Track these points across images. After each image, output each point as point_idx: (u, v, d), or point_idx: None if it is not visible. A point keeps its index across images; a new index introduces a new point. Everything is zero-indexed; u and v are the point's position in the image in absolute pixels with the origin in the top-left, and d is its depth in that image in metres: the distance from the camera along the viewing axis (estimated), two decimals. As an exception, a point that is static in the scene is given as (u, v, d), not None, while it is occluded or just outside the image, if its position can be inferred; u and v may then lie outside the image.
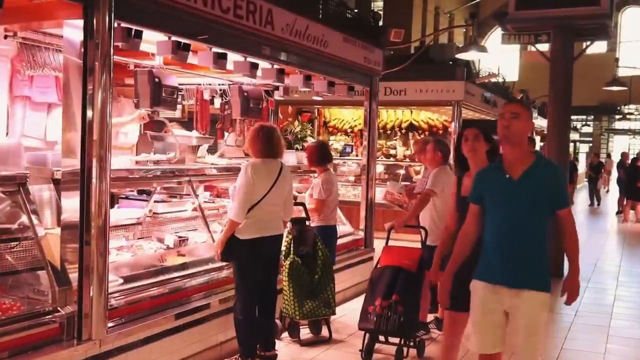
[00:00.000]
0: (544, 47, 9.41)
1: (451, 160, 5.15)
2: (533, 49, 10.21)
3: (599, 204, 19.47)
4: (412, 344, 4.89)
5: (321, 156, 5.86)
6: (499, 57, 21.33)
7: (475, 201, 3.40)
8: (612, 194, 22.69)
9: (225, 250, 4.52)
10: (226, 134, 7.36)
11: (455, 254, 3.49)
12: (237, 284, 4.56)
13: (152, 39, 4.44)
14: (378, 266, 5.00)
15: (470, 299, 3.39)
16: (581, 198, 21.68)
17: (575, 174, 19.04)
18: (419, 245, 5.20)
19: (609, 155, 27.56)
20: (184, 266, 4.74)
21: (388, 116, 12.91)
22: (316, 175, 6.03)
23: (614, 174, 22.89)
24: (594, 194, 19.70)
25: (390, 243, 5.17)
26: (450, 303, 3.59)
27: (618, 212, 17.20)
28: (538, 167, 3.21)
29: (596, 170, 19.65)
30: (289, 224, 5.09)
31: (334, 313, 5.36)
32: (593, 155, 22.49)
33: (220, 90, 6.89)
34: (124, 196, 5.73)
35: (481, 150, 3.87)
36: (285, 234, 5.00)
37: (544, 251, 3.26)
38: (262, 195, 4.49)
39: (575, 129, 30.30)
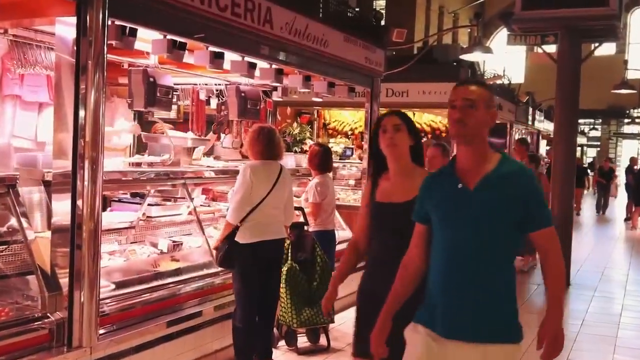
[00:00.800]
0: (551, 48, 9.33)
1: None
2: (539, 50, 10.13)
3: (604, 212, 18.98)
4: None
5: (322, 162, 5.77)
6: (505, 59, 21.10)
7: (420, 219, 2.54)
8: (619, 200, 22.33)
9: (225, 256, 4.41)
10: (222, 135, 7.27)
11: (396, 290, 2.59)
12: (238, 291, 4.46)
13: (147, 38, 4.35)
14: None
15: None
16: (588, 204, 21.36)
17: (585, 178, 18.77)
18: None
19: (611, 161, 27.46)
20: (178, 272, 4.67)
21: (389, 118, 12.82)
22: (311, 178, 5.95)
23: (620, 179, 22.75)
24: (603, 201, 19.05)
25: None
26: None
27: (626, 219, 16.90)
28: (503, 173, 2.37)
29: (607, 177, 19.12)
30: (287, 229, 5.00)
31: (332, 321, 5.28)
32: (604, 160, 22.15)
33: (217, 90, 6.81)
34: (116, 199, 5.69)
35: (403, 145, 3.05)
36: (284, 238, 4.91)
37: (509, 287, 2.40)
38: (262, 198, 4.41)
39: (583, 133, 30.11)
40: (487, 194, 2.34)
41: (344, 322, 5.84)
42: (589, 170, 22.06)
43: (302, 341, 5.23)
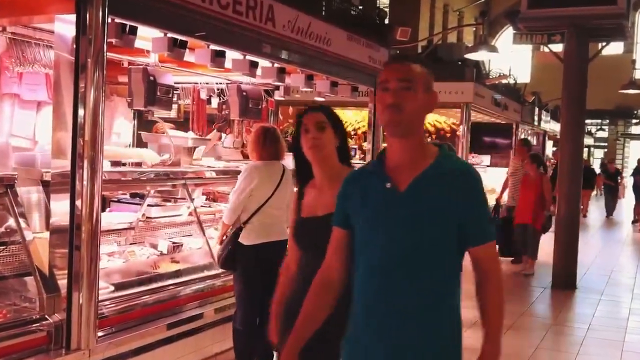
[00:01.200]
0: (558, 47, 9.24)
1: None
2: (546, 49, 10.04)
3: (611, 214, 18.64)
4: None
5: None
6: (510, 58, 21.04)
7: (340, 223, 2.07)
8: (627, 202, 21.99)
9: (227, 258, 4.37)
10: (223, 135, 7.22)
11: (306, 313, 2.12)
12: (241, 293, 4.40)
13: (147, 36, 4.31)
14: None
15: None
16: (594, 206, 21.09)
17: (595, 179, 18.59)
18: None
19: (614, 162, 27.23)
20: (177, 273, 4.64)
21: (392, 118, 12.79)
22: None
23: (627, 181, 22.54)
24: (611, 204, 18.72)
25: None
26: None
27: (634, 221, 16.75)
28: (440, 171, 1.93)
29: (614, 178, 18.88)
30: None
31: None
32: (608, 162, 21.93)
33: (218, 89, 6.76)
34: (115, 199, 5.64)
35: (329, 146, 2.62)
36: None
37: (451, 312, 1.96)
38: (266, 199, 4.37)
39: (590, 134, 29.85)
40: (420, 195, 1.91)
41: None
42: (598, 171, 21.82)
43: (304, 344, 5.19)
